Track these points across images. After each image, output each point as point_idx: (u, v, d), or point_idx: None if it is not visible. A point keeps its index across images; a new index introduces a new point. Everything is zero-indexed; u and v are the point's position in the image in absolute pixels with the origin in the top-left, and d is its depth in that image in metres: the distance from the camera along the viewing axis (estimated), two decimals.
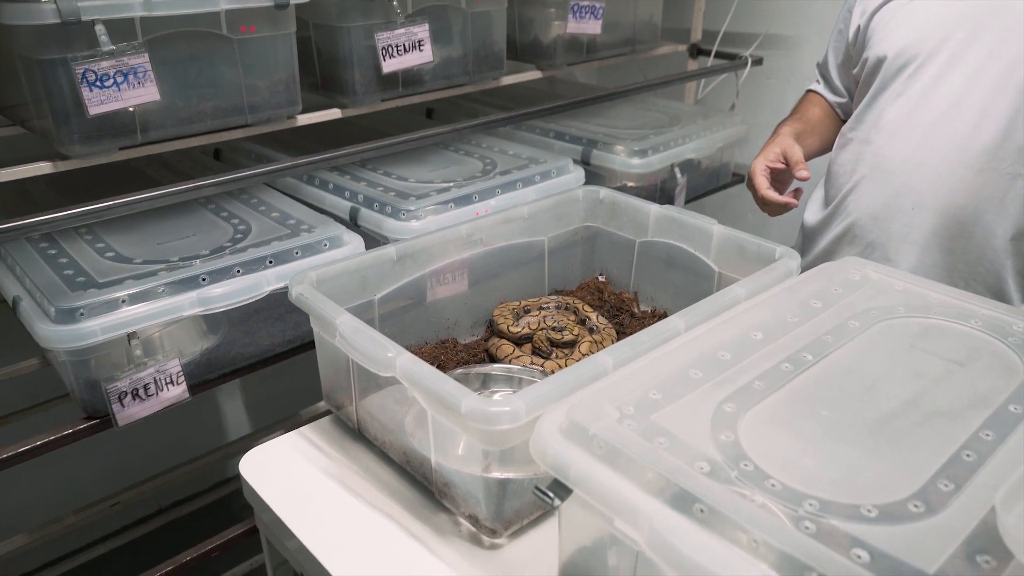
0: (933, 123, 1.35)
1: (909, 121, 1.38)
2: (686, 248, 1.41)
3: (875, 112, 1.44)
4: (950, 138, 1.34)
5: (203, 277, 1.21)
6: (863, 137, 1.46)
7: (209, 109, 1.35)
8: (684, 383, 0.88)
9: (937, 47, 1.35)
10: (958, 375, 0.91)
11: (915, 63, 1.37)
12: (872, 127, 1.44)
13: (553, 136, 1.98)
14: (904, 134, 1.39)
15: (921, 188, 1.38)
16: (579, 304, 1.44)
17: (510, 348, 1.30)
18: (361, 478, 1.12)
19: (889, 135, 1.41)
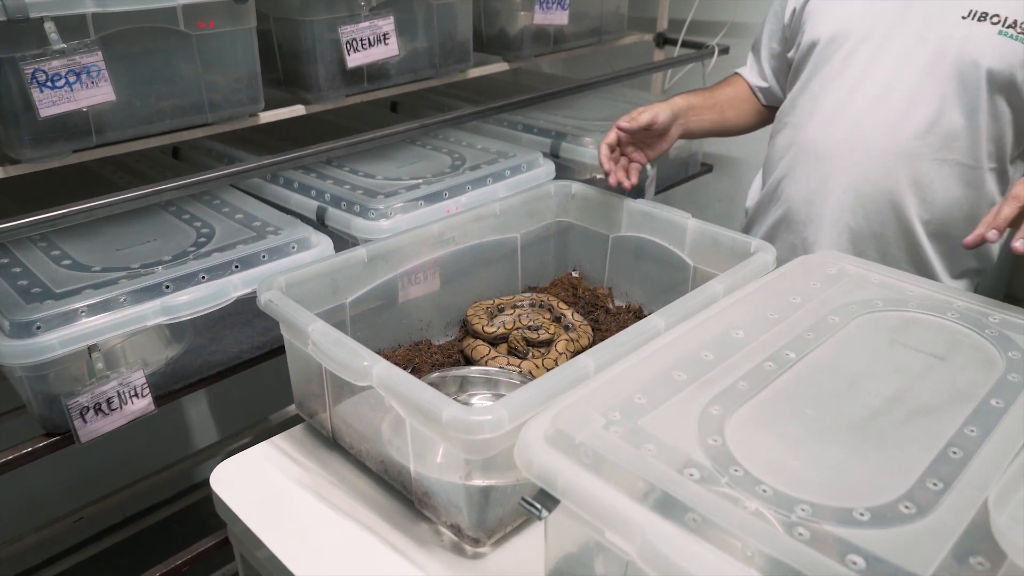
0: (865, 108, 1.34)
1: (841, 106, 1.36)
2: (660, 242, 1.40)
3: (809, 97, 1.43)
4: (881, 123, 1.32)
5: (166, 284, 1.16)
6: (797, 122, 1.45)
7: (167, 108, 1.30)
8: (668, 385, 0.86)
9: (868, 31, 1.34)
10: (939, 369, 0.91)
11: (847, 47, 1.36)
12: (806, 112, 1.43)
13: (521, 129, 1.95)
14: (837, 119, 1.37)
15: (852, 173, 1.37)
16: (554, 301, 1.42)
17: (485, 349, 1.28)
18: (337, 488, 1.09)
19: (822, 120, 1.39)
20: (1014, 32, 1.21)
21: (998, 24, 1.21)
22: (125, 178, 1.61)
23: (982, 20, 1.22)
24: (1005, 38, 1.21)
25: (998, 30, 1.22)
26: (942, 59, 1.26)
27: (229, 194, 1.51)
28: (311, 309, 1.18)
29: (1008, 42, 1.21)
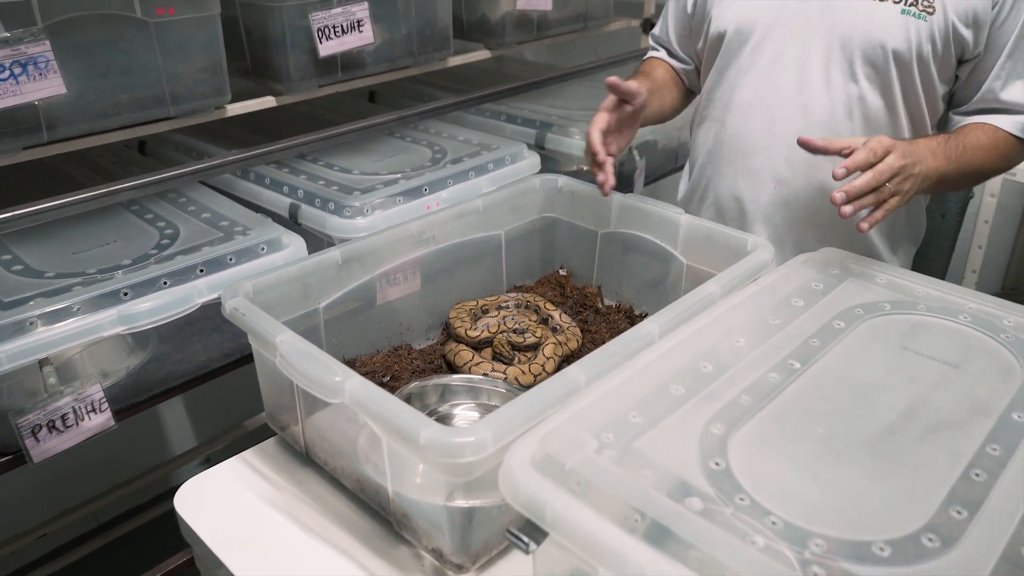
0: (781, 100, 1.29)
1: (758, 99, 1.31)
2: (651, 239, 1.33)
3: (725, 89, 1.36)
4: (798, 113, 1.28)
5: (125, 291, 1.08)
6: (717, 116, 1.39)
7: (125, 101, 1.21)
8: (666, 401, 0.80)
9: (774, 20, 1.28)
10: (954, 379, 0.85)
11: (755, 37, 1.30)
12: (723, 105, 1.37)
13: (504, 119, 1.87)
14: (754, 112, 1.32)
15: (778, 167, 1.32)
16: (540, 302, 1.35)
17: (469, 354, 1.21)
18: (310, 508, 1.02)
19: (740, 114, 1.34)
20: (916, 10, 1.17)
21: (900, 3, 1.17)
22: (86, 175, 1.52)
23: (884, 0, 1.18)
24: (908, 17, 1.17)
25: (900, 9, 1.18)
26: (850, 43, 1.22)
27: (196, 191, 1.43)
28: (281, 316, 1.11)
29: (911, 21, 1.17)
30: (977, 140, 1.19)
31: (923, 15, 1.17)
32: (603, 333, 1.32)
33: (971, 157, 1.17)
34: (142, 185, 1.20)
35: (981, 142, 1.19)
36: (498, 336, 1.24)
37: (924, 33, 1.18)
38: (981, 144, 1.19)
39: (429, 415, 1.08)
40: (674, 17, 1.49)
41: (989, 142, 1.19)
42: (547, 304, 1.35)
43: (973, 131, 1.21)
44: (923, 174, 1.09)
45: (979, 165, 1.19)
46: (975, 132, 1.20)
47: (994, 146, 1.20)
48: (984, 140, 1.19)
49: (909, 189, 1.07)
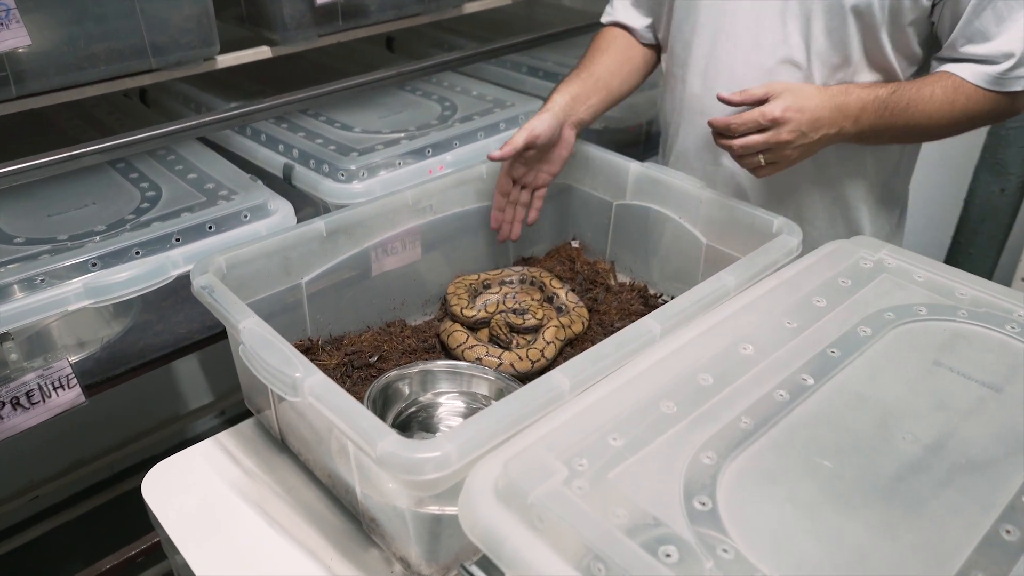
0: (738, 60, 1.17)
1: (713, 57, 1.19)
2: (669, 214, 1.22)
3: (681, 45, 1.24)
4: (756, 71, 1.15)
5: (93, 262, 1.02)
6: (678, 74, 1.27)
7: (101, 53, 1.13)
8: (654, 421, 0.70)
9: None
10: (993, 406, 0.73)
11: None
12: (681, 63, 1.25)
13: (526, 71, 1.75)
14: (712, 71, 1.20)
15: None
16: (546, 278, 1.25)
17: (463, 335, 1.12)
18: (281, 500, 0.96)
19: (698, 73, 1.22)
20: None
21: None
22: (78, 126, 1.45)
23: None
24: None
25: None
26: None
27: (188, 147, 1.35)
28: (259, 291, 1.04)
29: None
30: (931, 93, 1.06)
31: None
32: (612, 315, 1.22)
33: (920, 110, 1.06)
34: (123, 145, 1.12)
35: (935, 95, 1.06)
36: (496, 317, 1.15)
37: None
38: (935, 97, 1.06)
39: (410, 406, 1.01)
40: None
41: (945, 96, 1.06)
42: (554, 281, 1.25)
43: (933, 82, 1.07)
44: (824, 140, 1.05)
45: (932, 120, 1.07)
46: (934, 84, 1.07)
47: (953, 100, 1.06)
48: (940, 93, 1.06)
49: (793, 157, 1.05)
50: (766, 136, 1.02)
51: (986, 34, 1.04)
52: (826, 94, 1.05)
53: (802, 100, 1.02)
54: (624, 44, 1.32)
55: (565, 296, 1.22)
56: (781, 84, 1.05)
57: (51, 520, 1.65)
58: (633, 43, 1.33)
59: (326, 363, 1.09)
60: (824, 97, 1.04)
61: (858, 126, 1.06)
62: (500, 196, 1.22)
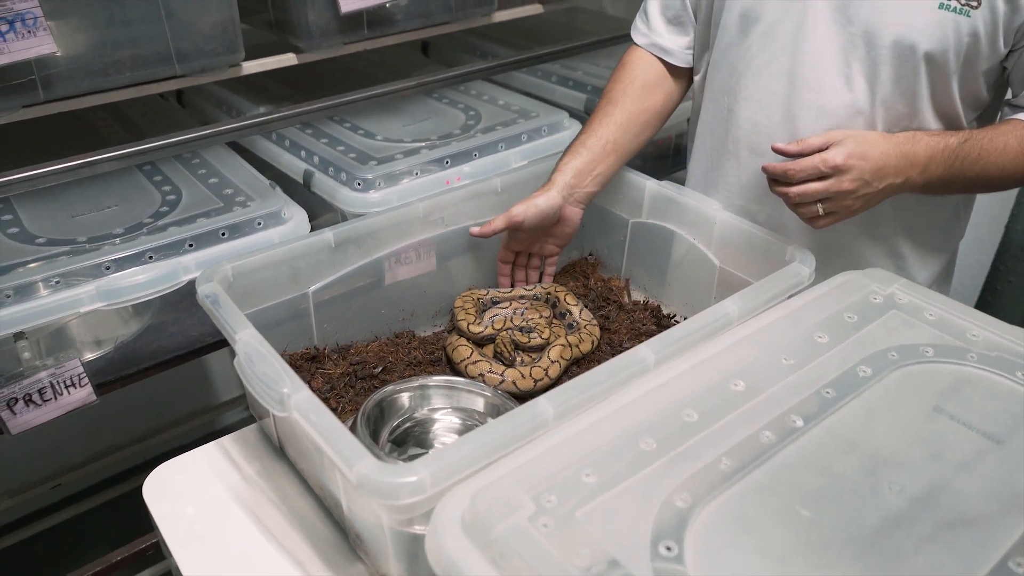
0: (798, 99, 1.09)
1: (770, 93, 1.11)
2: (684, 235, 1.20)
3: (728, 71, 1.15)
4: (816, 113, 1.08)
5: (107, 265, 1.05)
6: (722, 102, 1.17)
7: (127, 59, 1.15)
8: (631, 458, 0.69)
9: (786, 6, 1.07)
10: (991, 459, 0.70)
11: (764, 23, 1.09)
12: (730, 93, 1.16)
13: (556, 81, 1.74)
14: (768, 108, 1.12)
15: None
16: (560, 293, 1.24)
17: (467, 350, 1.12)
18: (275, 508, 0.97)
19: (752, 108, 1.13)
20: (957, 4, 0.96)
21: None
22: (111, 127, 1.49)
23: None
24: (947, 13, 0.97)
25: (938, 3, 0.97)
26: (874, 41, 1.02)
27: (213, 152, 1.38)
28: (266, 300, 1.06)
29: (950, 17, 0.97)
30: (1005, 144, 1.00)
31: (965, 10, 0.96)
32: (622, 334, 1.20)
33: (993, 162, 1.00)
34: (136, 153, 1.15)
35: (1009, 146, 1.00)
36: (502, 334, 1.14)
37: (965, 30, 0.97)
38: (1008, 148, 1.00)
39: (404, 422, 1.01)
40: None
41: (1020, 147, 1.01)
42: (568, 297, 1.23)
43: (1006, 132, 1.01)
44: (889, 190, 0.99)
45: (1005, 171, 1.01)
46: (1007, 134, 1.01)
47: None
48: (1015, 144, 1.00)
49: (855, 207, 0.99)
50: (826, 184, 0.96)
51: None
52: (892, 141, 0.98)
53: (866, 147, 0.96)
54: (648, 81, 1.22)
55: (579, 314, 1.21)
56: (842, 132, 0.98)
57: (72, 508, 1.70)
58: (661, 78, 1.24)
59: (331, 372, 1.10)
60: (890, 144, 0.98)
61: (925, 176, 0.99)
62: (502, 264, 1.21)
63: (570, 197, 1.15)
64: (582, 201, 1.17)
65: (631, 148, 1.20)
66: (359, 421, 0.93)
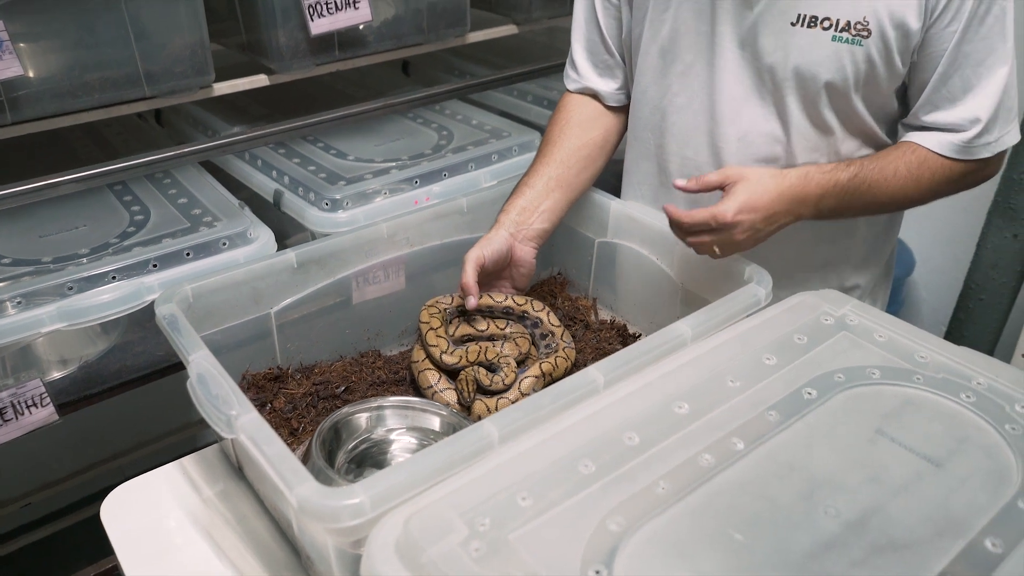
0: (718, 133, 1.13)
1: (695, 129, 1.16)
2: (646, 254, 1.20)
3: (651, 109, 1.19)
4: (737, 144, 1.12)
5: (70, 285, 1.05)
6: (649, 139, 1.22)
7: (95, 81, 1.17)
8: (568, 481, 0.69)
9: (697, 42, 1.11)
10: (929, 482, 0.70)
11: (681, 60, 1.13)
12: (656, 130, 1.20)
13: (531, 100, 1.75)
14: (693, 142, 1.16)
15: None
16: (542, 314, 1.18)
17: (434, 376, 1.08)
18: (232, 530, 0.97)
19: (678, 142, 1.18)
20: (848, 35, 1.01)
21: (830, 29, 1.01)
22: (87, 147, 1.50)
23: (812, 26, 1.02)
24: (840, 44, 1.01)
25: (831, 36, 1.01)
26: (779, 75, 1.06)
27: (184, 171, 1.39)
28: (227, 320, 1.06)
29: (843, 47, 1.02)
30: (895, 171, 1.03)
31: (857, 39, 1.00)
32: (587, 353, 1.20)
33: (883, 191, 1.03)
34: (114, 171, 1.16)
35: (899, 173, 1.03)
36: (466, 370, 1.07)
37: (861, 57, 1.01)
38: (898, 175, 1.03)
39: (362, 443, 1.02)
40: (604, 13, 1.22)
41: (909, 173, 1.04)
42: (551, 317, 1.19)
43: (898, 158, 1.04)
44: (781, 227, 1.03)
45: (895, 198, 1.05)
46: (898, 160, 1.04)
47: (918, 176, 1.04)
48: (904, 171, 1.03)
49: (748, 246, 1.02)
50: (718, 236, 0.99)
51: (953, 101, 1.02)
52: (784, 183, 1.01)
53: (756, 196, 0.98)
54: (585, 118, 1.24)
55: (560, 336, 1.17)
56: (736, 171, 1.01)
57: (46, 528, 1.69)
58: (598, 114, 1.26)
59: (294, 392, 1.11)
60: (782, 187, 1.00)
61: (817, 210, 1.04)
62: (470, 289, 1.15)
63: (518, 234, 1.15)
64: (533, 239, 1.16)
65: (576, 183, 1.21)
66: (314, 443, 0.93)
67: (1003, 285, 1.68)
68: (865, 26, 0.99)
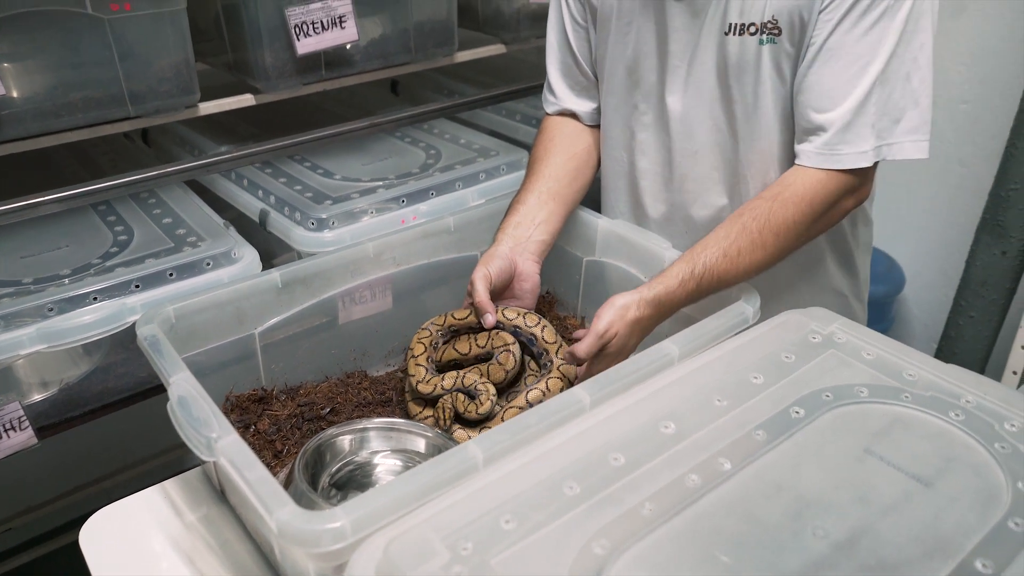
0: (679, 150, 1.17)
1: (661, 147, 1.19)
2: (634, 273, 1.20)
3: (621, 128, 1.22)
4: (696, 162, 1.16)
5: (50, 307, 1.04)
6: (627, 159, 1.24)
7: (78, 101, 1.16)
8: (552, 503, 0.68)
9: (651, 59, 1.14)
10: (919, 502, 0.69)
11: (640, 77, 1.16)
12: (629, 149, 1.23)
13: (520, 119, 1.75)
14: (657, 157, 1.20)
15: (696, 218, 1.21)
16: (537, 329, 1.10)
17: (416, 407, 1.07)
18: (214, 555, 0.95)
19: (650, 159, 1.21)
20: (765, 36, 1.04)
21: (756, 33, 1.04)
22: (72, 166, 1.49)
23: (741, 33, 1.05)
24: (763, 46, 1.04)
25: (758, 39, 1.04)
26: (722, 83, 1.10)
27: (170, 191, 1.38)
28: (211, 341, 1.05)
29: (769, 48, 1.04)
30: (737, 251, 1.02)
31: (779, 39, 1.03)
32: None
33: (732, 275, 1.03)
34: (95, 191, 1.15)
35: (742, 253, 1.02)
36: (443, 398, 1.03)
37: (782, 56, 1.04)
38: (742, 255, 1.02)
39: (346, 466, 1.00)
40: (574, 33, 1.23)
41: (753, 246, 1.02)
42: (547, 333, 1.11)
43: (738, 237, 1.03)
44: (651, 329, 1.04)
45: (748, 273, 1.04)
46: (743, 234, 1.03)
47: (763, 244, 1.03)
48: (747, 246, 1.02)
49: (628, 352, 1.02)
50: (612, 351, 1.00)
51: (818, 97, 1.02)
52: (649, 309, 1.00)
53: (627, 336, 0.99)
54: (568, 135, 1.26)
55: (555, 353, 1.09)
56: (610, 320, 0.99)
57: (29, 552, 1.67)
58: (579, 131, 1.28)
59: (278, 413, 1.09)
60: (645, 316, 1.00)
61: (679, 309, 1.04)
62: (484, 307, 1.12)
63: (518, 248, 1.13)
64: (535, 252, 1.15)
65: (568, 193, 1.21)
66: (297, 466, 0.92)
67: (992, 302, 1.68)
68: (775, 24, 1.02)
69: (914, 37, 0.99)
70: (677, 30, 1.10)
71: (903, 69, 1.00)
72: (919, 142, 1.03)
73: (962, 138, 1.94)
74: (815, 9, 0.99)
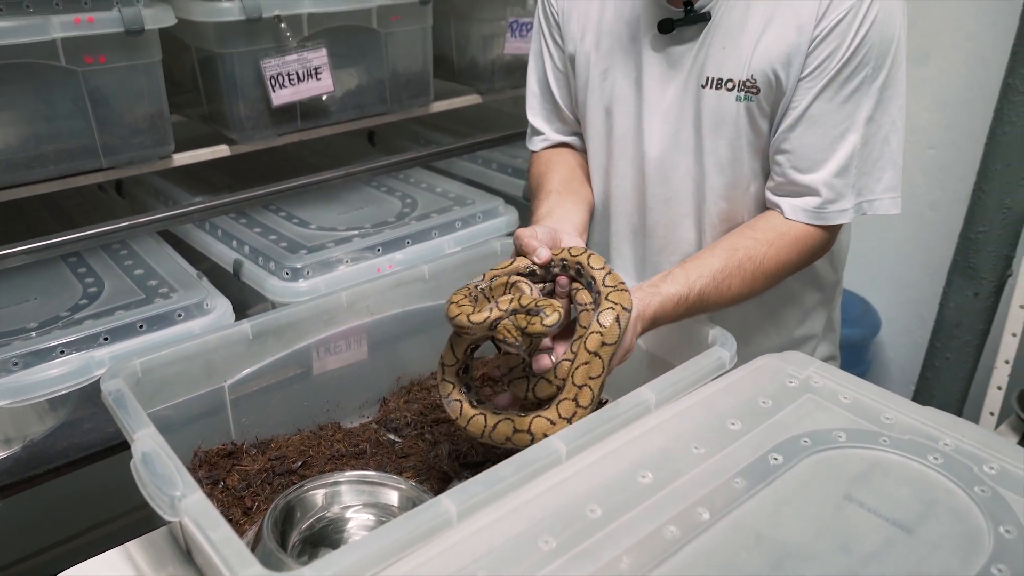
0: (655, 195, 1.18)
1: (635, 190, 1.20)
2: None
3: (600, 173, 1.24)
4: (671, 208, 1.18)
5: (15, 361, 1.01)
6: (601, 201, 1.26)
7: (49, 153, 1.15)
8: (528, 558, 0.66)
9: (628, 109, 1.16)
10: (900, 549, 0.68)
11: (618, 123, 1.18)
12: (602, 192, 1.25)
13: (496, 168, 1.76)
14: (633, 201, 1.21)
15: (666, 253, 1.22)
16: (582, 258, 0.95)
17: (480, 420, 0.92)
18: None
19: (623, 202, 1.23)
20: (749, 93, 1.05)
21: (734, 90, 1.06)
22: (44, 218, 1.48)
23: (718, 88, 1.07)
24: (744, 103, 1.06)
25: (735, 96, 1.06)
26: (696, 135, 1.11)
27: (142, 243, 1.36)
28: (179, 395, 1.02)
29: (746, 105, 1.06)
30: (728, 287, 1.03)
31: (754, 96, 1.05)
32: None
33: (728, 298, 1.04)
34: (62, 243, 1.13)
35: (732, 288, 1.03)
36: (503, 322, 0.86)
37: (757, 113, 1.06)
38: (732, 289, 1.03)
39: (318, 521, 0.97)
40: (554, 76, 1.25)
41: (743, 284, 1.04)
42: (592, 259, 0.94)
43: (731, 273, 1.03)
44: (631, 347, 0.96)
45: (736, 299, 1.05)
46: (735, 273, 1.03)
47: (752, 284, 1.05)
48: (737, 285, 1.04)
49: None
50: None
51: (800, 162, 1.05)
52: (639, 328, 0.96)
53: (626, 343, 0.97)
54: (565, 157, 1.27)
55: (602, 280, 0.93)
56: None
57: None
58: (573, 153, 1.29)
59: (248, 468, 1.06)
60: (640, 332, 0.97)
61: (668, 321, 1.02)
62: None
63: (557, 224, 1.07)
64: (577, 226, 1.11)
65: (584, 192, 1.23)
66: (266, 522, 0.89)
67: (967, 343, 1.69)
68: (754, 83, 1.04)
69: (892, 102, 1.02)
70: (654, 79, 1.12)
71: (882, 132, 1.03)
72: (895, 198, 1.07)
73: (931, 183, 1.98)
74: (793, 75, 1.01)
